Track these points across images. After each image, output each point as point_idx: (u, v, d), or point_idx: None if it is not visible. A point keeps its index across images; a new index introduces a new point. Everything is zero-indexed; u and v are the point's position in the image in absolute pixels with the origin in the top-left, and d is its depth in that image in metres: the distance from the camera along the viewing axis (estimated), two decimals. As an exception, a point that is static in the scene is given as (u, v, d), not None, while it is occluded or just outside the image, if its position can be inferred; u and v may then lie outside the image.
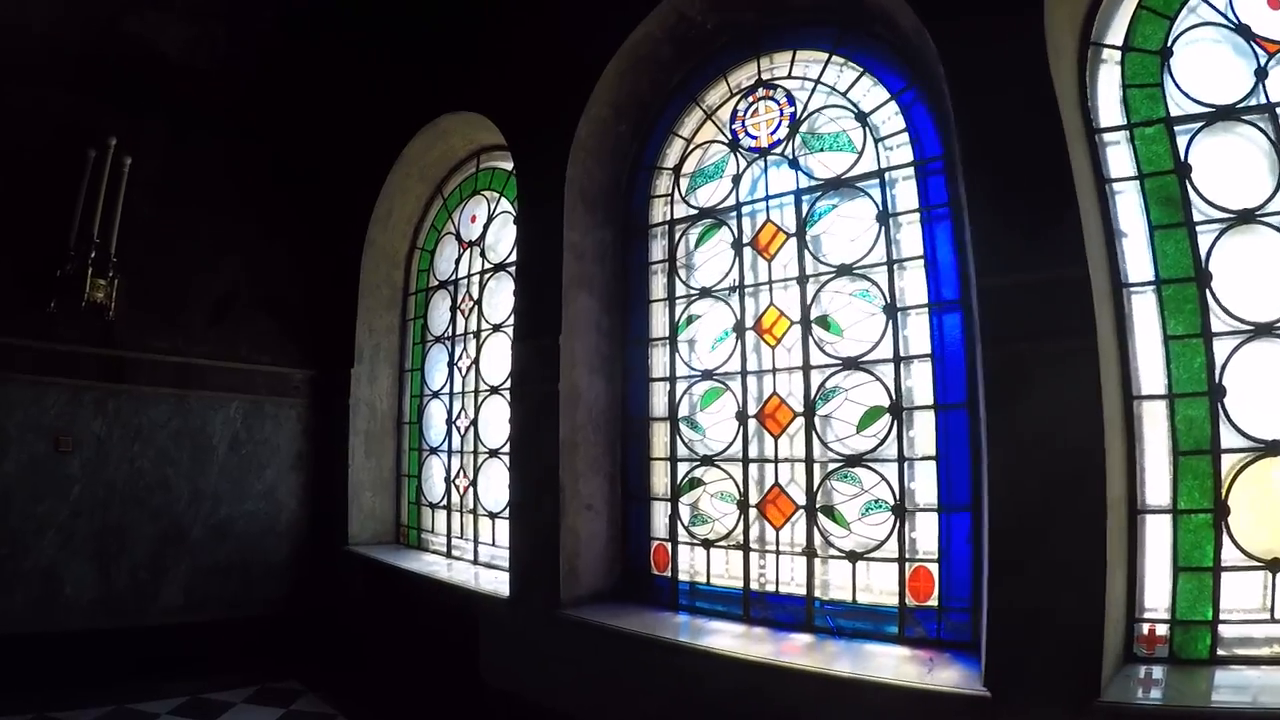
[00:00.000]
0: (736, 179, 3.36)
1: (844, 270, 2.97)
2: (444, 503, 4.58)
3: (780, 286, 3.16)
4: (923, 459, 2.77)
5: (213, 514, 4.70)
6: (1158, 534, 2.25)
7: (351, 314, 4.91)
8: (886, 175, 2.97)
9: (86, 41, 4.14)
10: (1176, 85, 2.39)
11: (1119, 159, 2.45)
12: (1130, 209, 2.42)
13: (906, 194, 2.96)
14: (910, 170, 2.93)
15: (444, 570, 4.17)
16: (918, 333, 2.86)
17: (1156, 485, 2.27)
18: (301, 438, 5.04)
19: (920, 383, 2.85)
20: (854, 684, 2.38)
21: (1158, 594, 2.23)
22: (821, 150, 3.17)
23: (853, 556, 2.83)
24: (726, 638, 2.85)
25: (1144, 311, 2.35)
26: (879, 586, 2.86)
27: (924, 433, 2.83)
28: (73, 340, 4.28)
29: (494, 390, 4.24)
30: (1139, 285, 2.36)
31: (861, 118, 3.06)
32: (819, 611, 2.91)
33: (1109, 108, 2.50)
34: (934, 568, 2.73)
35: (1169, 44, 2.42)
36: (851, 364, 2.90)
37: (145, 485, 4.49)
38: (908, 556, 2.77)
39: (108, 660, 4.16)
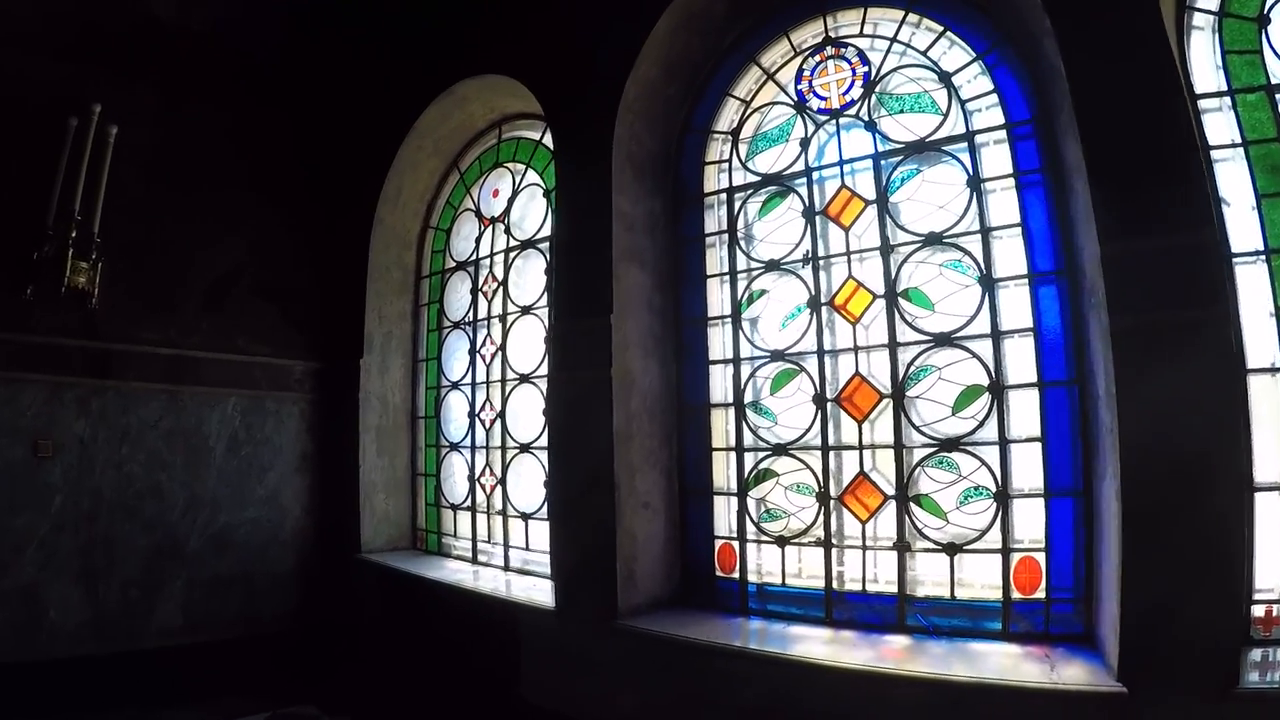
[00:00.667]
0: (805, 142, 3.23)
1: (933, 239, 2.86)
2: (467, 504, 4.41)
3: (858, 258, 3.04)
4: (1026, 441, 2.68)
5: (211, 523, 4.48)
6: (1268, 512, 2.19)
7: (360, 300, 4.71)
8: (976, 139, 2.87)
9: (70, 0, 3.89)
10: (1275, 53, 2.35)
11: (1217, 126, 2.41)
12: (1233, 177, 2.37)
13: (995, 159, 2.88)
14: (1002, 134, 2.85)
15: (472, 579, 4.00)
16: (1014, 306, 2.77)
17: (1266, 461, 2.21)
18: (306, 436, 4.83)
19: (1015, 360, 2.76)
20: (976, 689, 2.28)
21: (1270, 574, 2.19)
22: (901, 112, 3.06)
23: (951, 549, 2.73)
24: (815, 644, 2.71)
25: (1252, 283, 2.30)
26: (975, 580, 2.77)
27: (1021, 413, 2.75)
28: (51, 331, 4.03)
29: (524, 379, 4.08)
30: (1245, 256, 2.29)
31: (945, 78, 2.96)
32: (910, 610, 2.80)
33: (1204, 73, 2.46)
34: (1040, 557, 2.64)
35: (1265, 11, 2.40)
36: (945, 340, 2.80)
37: (135, 493, 4.25)
38: (1012, 547, 2.67)
39: (100, 689, 3.91)
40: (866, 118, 3.12)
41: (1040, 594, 2.64)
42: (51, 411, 4.03)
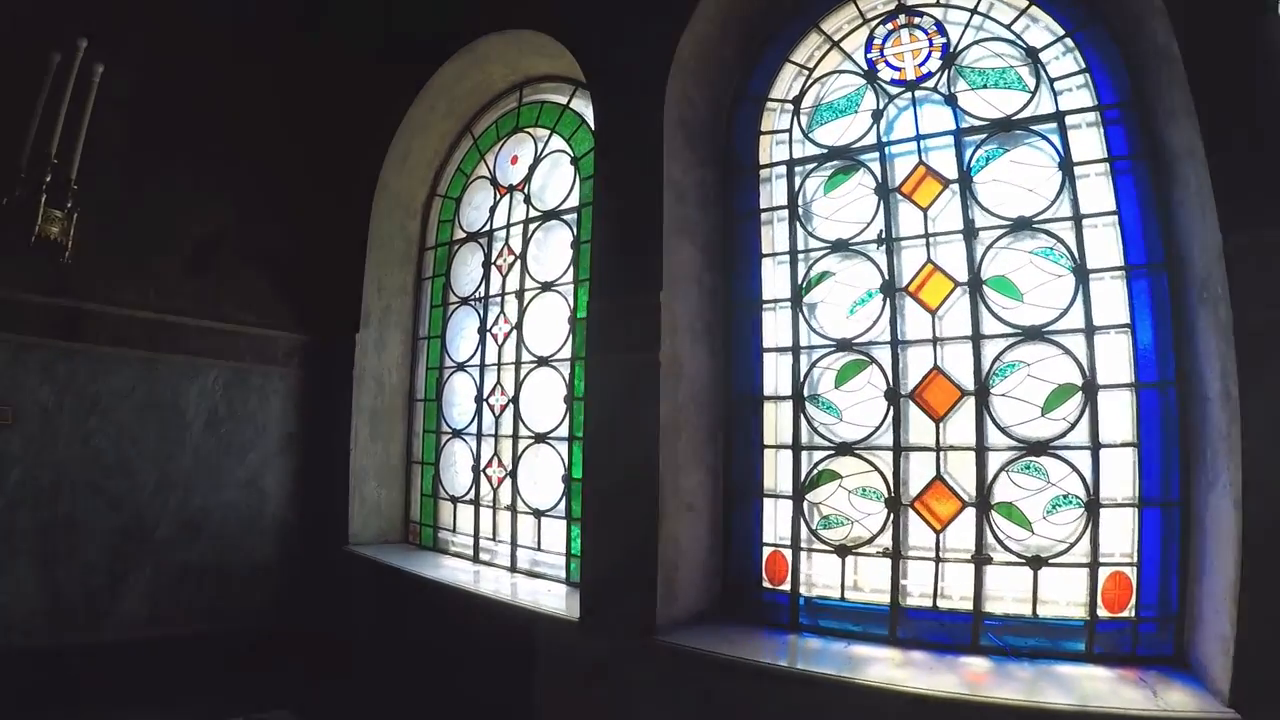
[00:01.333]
0: (878, 115, 3.07)
1: (1022, 224, 2.72)
2: (470, 497, 4.19)
3: (937, 241, 2.89)
4: (1120, 446, 2.54)
5: (184, 506, 4.22)
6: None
7: (357, 270, 4.48)
8: (1066, 120, 2.74)
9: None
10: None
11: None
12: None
13: (1084, 142, 2.75)
14: (1093, 116, 2.73)
15: (474, 579, 3.79)
16: (1107, 299, 2.64)
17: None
18: (292, 415, 4.58)
19: (1105, 357, 2.63)
20: (1076, 717, 2.13)
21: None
22: (984, 87, 2.91)
23: (1035, 562, 2.58)
24: (885, 667, 2.47)
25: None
26: (1058, 596, 2.62)
27: (1111, 416, 2.61)
28: (16, 285, 3.75)
29: (543, 362, 3.88)
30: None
31: (1032, 54, 2.83)
32: (982, 629, 2.65)
33: None
34: (1131, 572, 2.51)
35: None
36: (1035, 334, 2.65)
37: (102, 469, 3.99)
38: (1101, 560, 2.53)
39: (53, 684, 3.65)
40: (946, 91, 2.96)
41: (1129, 612, 2.49)
42: (13, 375, 3.76)
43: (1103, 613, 2.50)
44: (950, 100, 2.95)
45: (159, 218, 4.18)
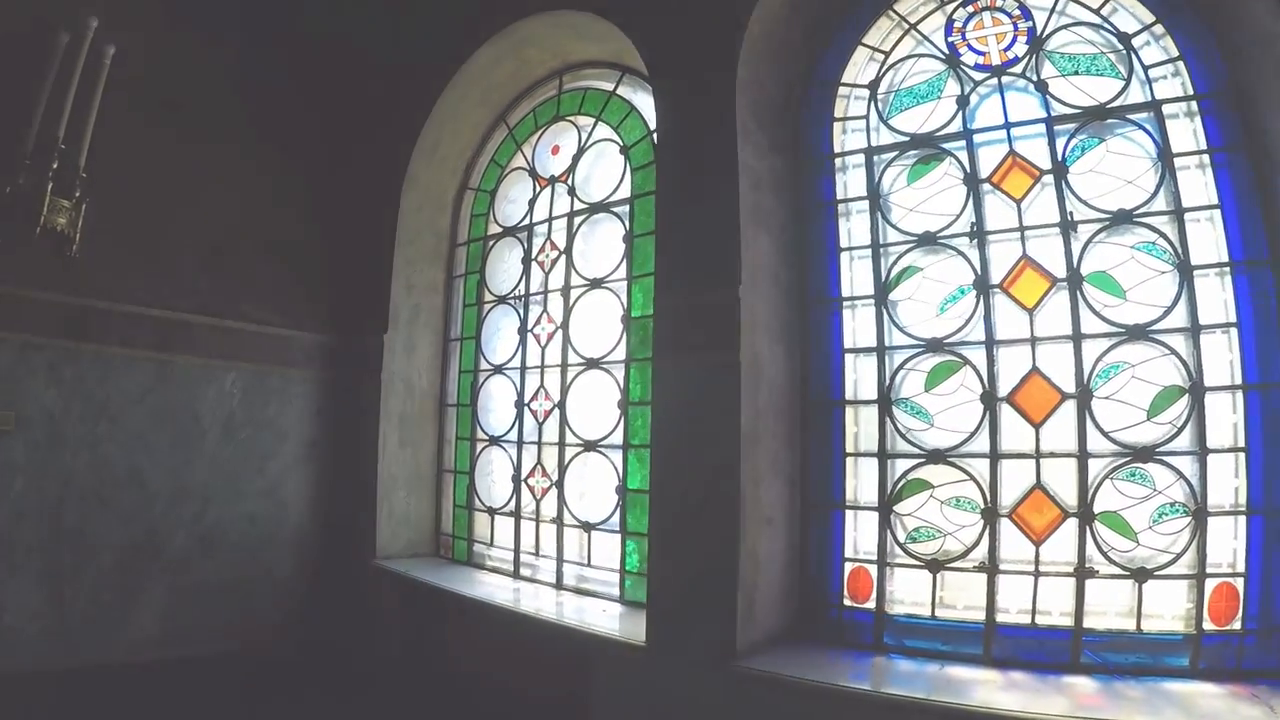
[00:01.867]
0: (963, 100, 3.03)
1: (1122, 218, 2.69)
2: (510, 508, 4.10)
3: (1031, 235, 2.85)
4: (1228, 451, 2.52)
5: (200, 518, 4.08)
6: None
7: (384, 267, 4.37)
8: (1163, 109, 2.72)
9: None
10: None
11: None
12: None
13: (1180, 133, 2.74)
14: (1189, 105, 2.71)
15: (516, 597, 3.69)
16: (1209, 296, 2.63)
17: None
18: (315, 421, 4.46)
19: (1210, 357, 2.61)
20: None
21: None
22: (1075, 73, 2.88)
23: (1141, 574, 2.55)
24: (989, 690, 2.37)
25: None
26: (1162, 610, 2.58)
27: (1216, 419, 2.59)
28: (20, 280, 3.61)
29: (593, 364, 3.80)
30: None
31: (1124, 39, 2.81)
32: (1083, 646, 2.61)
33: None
34: (1239, 584, 2.48)
35: None
36: (1139, 333, 2.62)
37: (112, 479, 3.85)
38: (1208, 572, 2.51)
39: (59, 709, 3.50)
40: (1035, 77, 2.94)
41: (1236, 625, 2.47)
42: (16, 378, 3.62)
43: (1209, 626, 2.47)
44: (1041, 87, 2.91)
45: (173, 209, 4.06)
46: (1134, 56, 2.81)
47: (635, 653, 2.96)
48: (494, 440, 4.23)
